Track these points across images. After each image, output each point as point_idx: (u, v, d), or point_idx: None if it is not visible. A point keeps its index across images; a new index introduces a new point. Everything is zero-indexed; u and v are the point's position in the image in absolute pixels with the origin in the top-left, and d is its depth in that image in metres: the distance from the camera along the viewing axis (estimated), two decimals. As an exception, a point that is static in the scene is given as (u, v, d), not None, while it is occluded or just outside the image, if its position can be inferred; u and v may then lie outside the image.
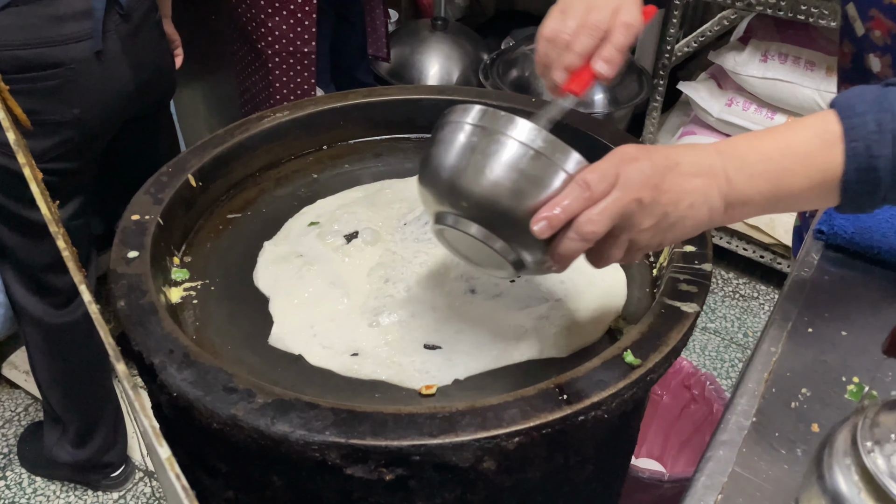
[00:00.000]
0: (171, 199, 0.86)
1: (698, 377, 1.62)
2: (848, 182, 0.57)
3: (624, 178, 0.59)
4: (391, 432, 0.60)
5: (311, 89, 1.92)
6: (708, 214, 0.61)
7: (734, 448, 0.61)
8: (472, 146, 0.65)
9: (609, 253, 0.62)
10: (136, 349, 0.69)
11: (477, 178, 0.63)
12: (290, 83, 1.90)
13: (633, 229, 0.61)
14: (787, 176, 0.59)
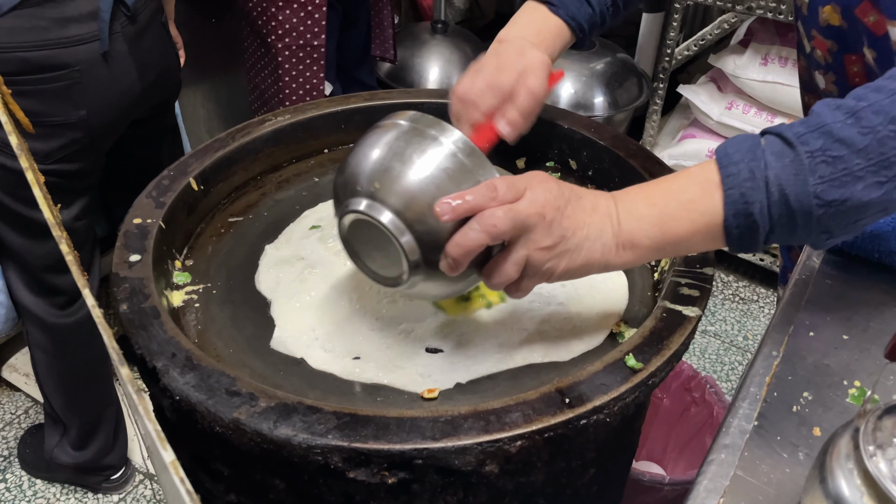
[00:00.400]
0: (173, 203, 0.86)
1: (699, 380, 1.62)
2: (728, 227, 0.60)
3: (531, 192, 0.63)
4: (394, 436, 0.60)
5: (321, 83, 1.91)
6: (601, 251, 0.64)
7: (736, 451, 0.61)
8: (402, 140, 0.68)
9: (504, 268, 0.63)
10: (139, 353, 0.69)
11: (401, 166, 0.66)
12: (299, 77, 1.89)
13: (531, 244, 0.62)
14: (672, 221, 0.63)
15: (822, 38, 0.84)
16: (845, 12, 0.79)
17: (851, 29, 0.80)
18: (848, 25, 0.80)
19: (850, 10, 0.78)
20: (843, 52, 0.83)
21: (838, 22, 0.81)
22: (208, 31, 2.13)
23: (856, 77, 0.84)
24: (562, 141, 1.04)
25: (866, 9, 0.76)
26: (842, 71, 0.85)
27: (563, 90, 2.30)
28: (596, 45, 2.39)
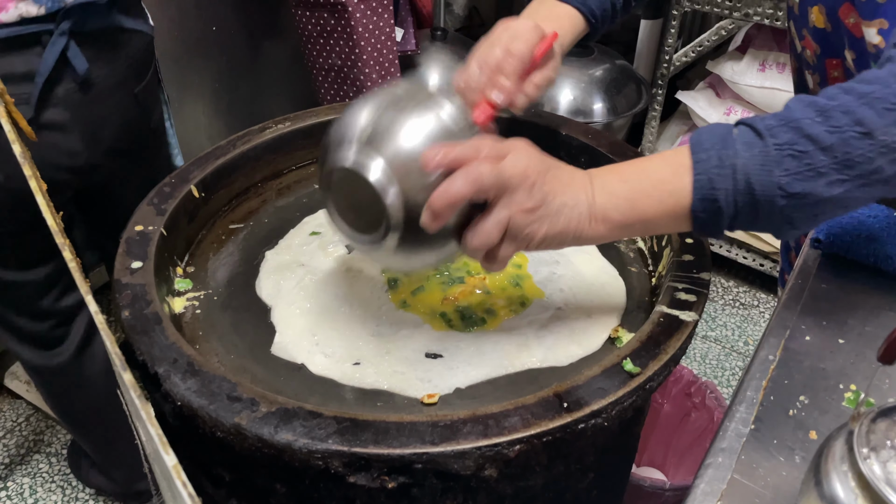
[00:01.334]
0: (174, 210, 0.87)
1: (699, 385, 1.62)
2: (695, 210, 0.63)
3: (515, 154, 0.64)
4: (393, 440, 0.61)
5: (392, 31, 1.89)
6: (577, 221, 0.65)
7: (733, 455, 0.62)
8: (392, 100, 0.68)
9: (486, 228, 0.64)
10: (141, 359, 0.69)
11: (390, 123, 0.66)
12: (375, 29, 1.86)
13: (513, 205, 0.63)
14: (643, 198, 0.65)
15: (810, 38, 0.86)
16: (830, 14, 0.80)
17: (835, 31, 0.81)
18: (832, 28, 0.81)
19: (834, 11, 0.79)
20: (825, 56, 0.85)
21: (823, 24, 0.82)
22: (209, 38, 2.14)
23: (836, 81, 0.85)
24: (560, 147, 1.04)
25: (847, 10, 0.77)
26: (823, 74, 0.86)
27: (563, 96, 2.31)
28: (595, 51, 2.40)
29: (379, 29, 1.88)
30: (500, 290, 0.84)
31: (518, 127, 1.07)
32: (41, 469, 1.84)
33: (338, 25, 1.87)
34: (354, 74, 1.93)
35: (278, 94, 2.20)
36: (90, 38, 1.12)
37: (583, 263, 0.89)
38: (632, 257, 0.91)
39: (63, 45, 1.09)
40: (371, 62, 1.91)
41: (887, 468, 0.48)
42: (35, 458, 1.86)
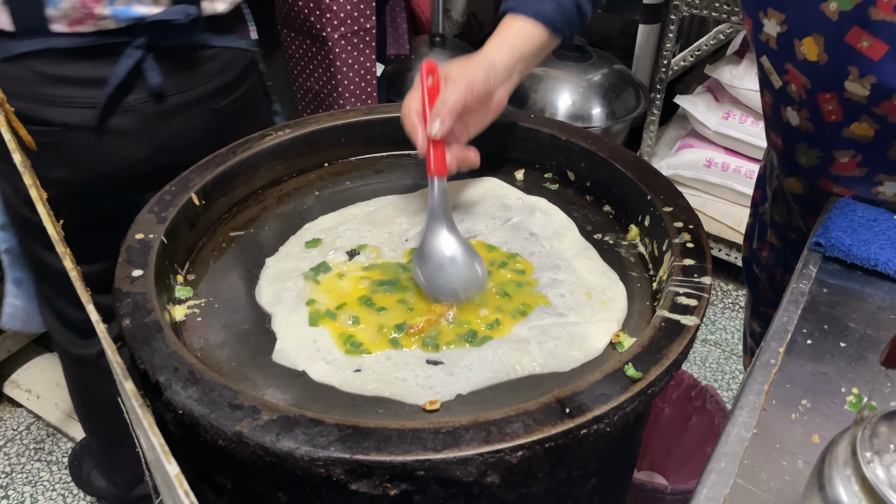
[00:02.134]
0: (175, 218, 0.87)
1: (699, 389, 1.62)
2: None
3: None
4: (395, 447, 0.60)
5: (373, 66, 1.93)
6: None
7: (736, 460, 0.62)
8: None
9: None
10: (142, 367, 0.69)
11: None
12: (354, 64, 1.91)
13: None
14: None
15: (798, 72, 0.84)
16: (829, 42, 0.78)
17: (832, 62, 0.79)
18: (829, 58, 0.79)
19: (839, 38, 0.77)
20: (816, 91, 0.83)
21: (816, 56, 0.80)
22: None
23: (831, 115, 0.84)
24: (560, 153, 1.05)
25: (858, 34, 0.76)
26: (816, 109, 0.85)
27: (561, 101, 2.31)
28: (593, 56, 2.40)
29: (359, 63, 1.92)
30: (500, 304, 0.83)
31: (518, 133, 1.07)
32: (42, 477, 1.83)
33: (318, 54, 1.91)
34: (331, 101, 1.98)
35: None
36: (168, 54, 1.15)
37: (584, 268, 0.89)
38: (632, 262, 0.91)
39: (138, 57, 1.12)
40: (347, 94, 1.96)
41: (891, 472, 0.48)
42: (36, 467, 1.86)
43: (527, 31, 0.91)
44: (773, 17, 0.83)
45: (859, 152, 0.85)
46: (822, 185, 0.91)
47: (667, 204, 0.89)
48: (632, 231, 0.95)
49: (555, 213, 0.98)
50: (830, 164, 0.88)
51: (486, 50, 0.90)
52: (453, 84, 0.84)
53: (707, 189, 2.32)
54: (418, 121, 0.85)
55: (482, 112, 0.90)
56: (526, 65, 0.93)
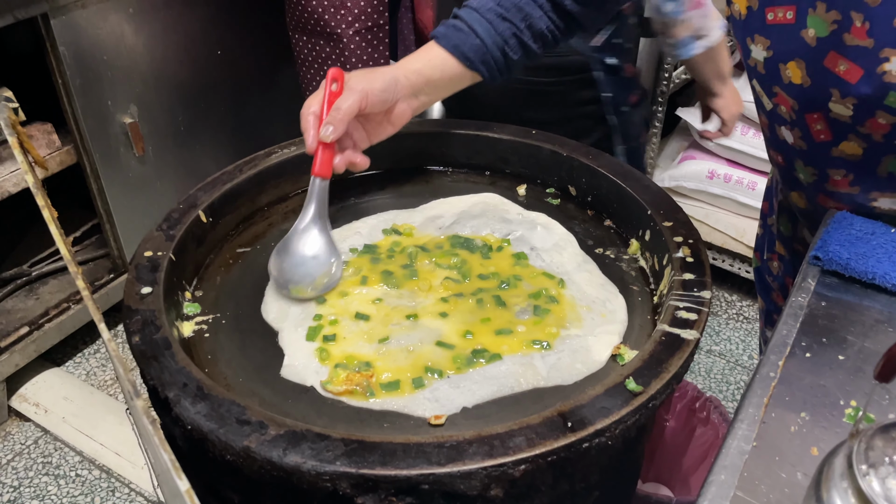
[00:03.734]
0: (183, 235, 0.89)
1: (704, 401, 1.62)
2: None
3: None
4: (400, 461, 0.62)
5: (387, 62, 1.94)
6: None
7: (735, 472, 0.62)
8: None
9: None
10: (151, 383, 0.71)
11: None
12: (369, 60, 1.92)
13: None
14: None
15: (785, 95, 0.85)
16: (810, 67, 0.80)
17: (815, 85, 0.81)
18: (812, 82, 0.81)
19: (817, 62, 0.79)
20: (804, 111, 0.85)
21: (800, 80, 0.82)
22: (215, 62, 2.17)
23: (820, 134, 0.85)
24: (561, 168, 1.06)
25: (835, 59, 0.78)
26: (805, 129, 0.86)
27: (564, 114, 2.32)
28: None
29: (373, 60, 1.92)
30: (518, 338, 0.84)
31: (520, 149, 1.08)
32: (50, 492, 1.84)
33: (332, 53, 1.91)
34: None
35: (283, 117, 2.22)
36: None
37: (584, 281, 0.90)
38: (633, 276, 0.92)
39: None
40: None
41: (886, 484, 0.49)
42: (43, 481, 1.87)
43: (441, 60, 0.95)
44: (759, 43, 0.85)
45: (850, 171, 0.86)
46: (820, 201, 0.93)
47: (667, 218, 0.90)
48: (633, 245, 0.96)
49: (555, 228, 0.99)
50: (826, 181, 0.90)
51: (396, 65, 0.94)
52: (349, 92, 0.88)
53: (710, 200, 2.33)
54: (313, 122, 0.88)
55: (383, 123, 0.93)
56: (434, 89, 0.96)
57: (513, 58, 0.97)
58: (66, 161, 1.97)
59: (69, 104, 1.87)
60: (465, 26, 0.95)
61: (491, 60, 0.95)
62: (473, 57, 0.94)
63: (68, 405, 2.03)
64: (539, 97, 1.40)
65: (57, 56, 1.79)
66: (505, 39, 0.95)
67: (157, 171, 2.13)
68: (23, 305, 2.09)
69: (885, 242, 0.82)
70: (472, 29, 0.94)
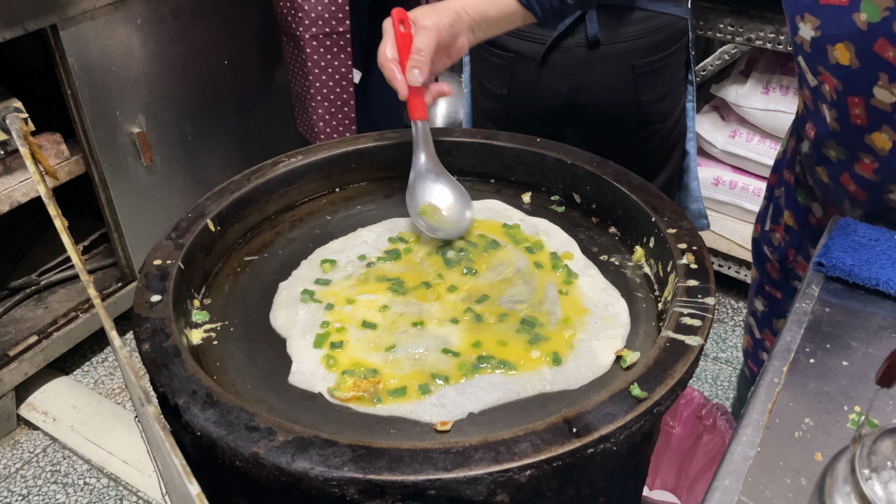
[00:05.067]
0: (192, 244, 0.90)
1: (710, 408, 1.62)
2: None
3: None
4: (407, 467, 0.62)
5: (349, 71, 1.94)
6: None
7: (740, 478, 0.63)
8: None
9: None
10: (161, 390, 0.71)
11: None
12: (328, 67, 1.93)
13: None
14: None
15: (829, 75, 0.87)
16: (860, 50, 0.81)
17: (863, 68, 0.82)
18: (860, 64, 0.82)
19: (868, 48, 0.80)
20: (846, 93, 0.86)
21: (848, 61, 0.83)
22: (222, 71, 2.18)
23: (857, 119, 0.86)
24: (566, 176, 1.07)
25: (884, 45, 0.79)
26: (844, 111, 0.88)
27: (569, 122, 2.33)
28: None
29: (333, 67, 1.93)
30: None
31: (525, 157, 1.09)
32: (58, 500, 1.85)
33: (298, 56, 1.94)
34: (307, 104, 2.00)
35: (290, 126, 2.23)
36: (608, 9, 1.34)
37: (586, 286, 0.91)
38: (638, 283, 0.93)
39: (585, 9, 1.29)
40: (320, 97, 1.97)
41: (889, 488, 0.50)
42: (52, 489, 1.88)
43: None
44: (808, 22, 0.86)
45: (877, 160, 0.88)
46: (842, 180, 0.94)
47: (671, 226, 0.90)
48: (637, 252, 0.96)
49: (557, 234, 1.00)
50: (856, 162, 0.91)
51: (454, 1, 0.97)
52: (424, 31, 0.91)
53: (715, 207, 2.33)
54: (396, 68, 0.91)
55: (444, 55, 0.97)
56: (489, 26, 1.00)
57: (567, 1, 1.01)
58: (75, 171, 1.99)
59: (78, 114, 1.89)
60: None
61: (546, 1, 0.99)
62: None
63: (77, 414, 2.04)
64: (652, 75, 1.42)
65: (66, 67, 1.81)
66: None
67: (165, 181, 2.15)
68: (31, 314, 2.11)
69: (888, 249, 0.83)
70: None
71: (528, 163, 1.10)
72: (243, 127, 2.29)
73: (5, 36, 1.65)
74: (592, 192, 1.04)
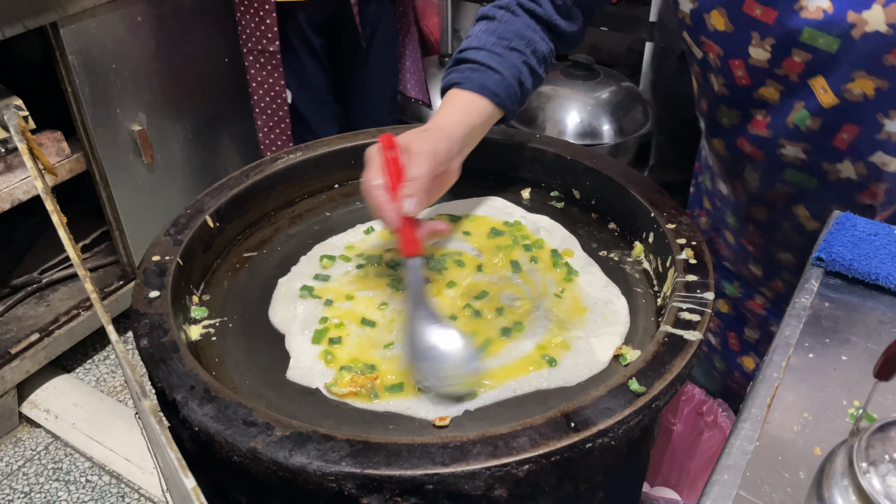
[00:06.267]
0: (190, 240, 0.90)
1: (711, 404, 1.62)
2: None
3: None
4: (405, 462, 0.62)
5: (283, 91, 2.01)
6: None
7: (738, 472, 0.63)
8: None
9: None
10: (159, 385, 0.71)
11: None
12: (264, 83, 2.00)
13: None
14: None
15: (712, 42, 0.90)
16: (731, 13, 0.85)
17: (737, 31, 0.85)
18: (734, 27, 0.85)
19: (738, 8, 0.84)
20: (727, 58, 0.89)
21: (723, 26, 0.86)
22: (221, 70, 2.18)
23: (741, 80, 0.89)
24: (565, 172, 1.07)
25: (752, 4, 0.83)
26: (729, 74, 0.90)
27: (570, 119, 2.33)
28: (601, 74, 2.43)
29: (268, 84, 2.01)
30: None
31: (524, 153, 1.09)
32: (60, 497, 1.86)
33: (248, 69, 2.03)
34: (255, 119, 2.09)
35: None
36: None
37: (586, 283, 0.90)
38: (637, 278, 0.93)
39: None
40: (258, 110, 2.05)
41: (886, 482, 0.50)
42: (54, 487, 1.88)
43: (474, 104, 0.93)
44: None
45: (769, 113, 0.91)
46: (739, 144, 0.96)
47: (670, 221, 0.90)
48: (636, 248, 0.96)
49: (557, 231, 1.00)
50: (749, 121, 0.93)
51: (439, 122, 0.91)
52: (419, 157, 0.83)
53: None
54: (386, 196, 0.81)
55: (438, 184, 0.88)
56: (473, 138, 0.94)
57: (527, 86, 0.97)
58: (76, 169, 1.99)
59: (79, 112, 1.89)
60: (479, 66, 0.93)
61: (512, 93, 0.95)
62: (500, 91, 0.93)
63: (78, 411, 2.04)
64: None
65: (66, 65, 1.81)
66: (518, 69, 0.95)
67: (166, 178, 2.15)
68: (33, 312, 2.11)
69: (888, 243, 0.83)
70: (487, 66, 0.93)
71: (527, 158, 1.09)
72: (244, 124, 2.30)
73: (6, 33, 1.65)
74: (592, 187, 1.04)
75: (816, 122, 0.87)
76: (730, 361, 1.29)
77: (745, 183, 1.00)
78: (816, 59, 0.83)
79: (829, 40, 0.81)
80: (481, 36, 0.96)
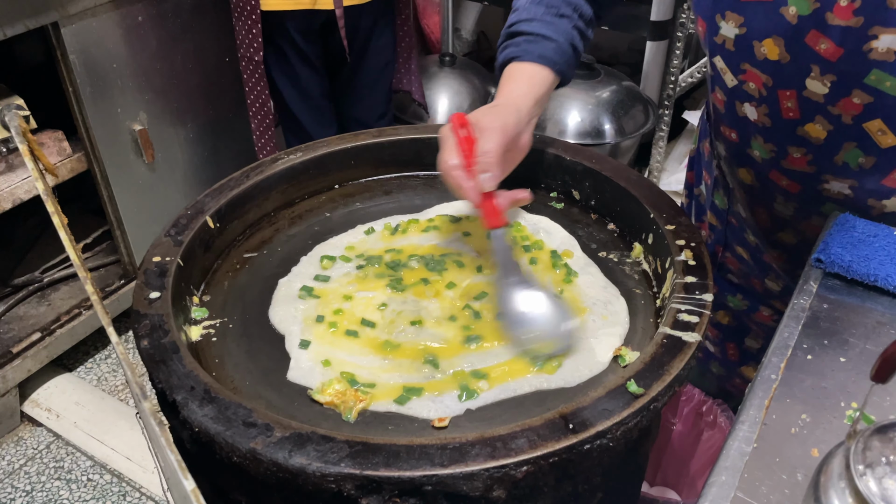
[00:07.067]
0: (191, 241, 0.90)
1: (710, 405, 1.62)
2: None
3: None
4: (404, 463, 0.62)
5: (267, 100, 2.07)
6: None
7: (736, 473, 0.63)
8: None
9: None
10: (159, 386, 0.72)
11: None
12: (254, 89, 2.05)
13: None
14: None
15: (758, 72, 0.87)
16: (790, 44, 0.82)
17: (794, 62, 0.82)
18: (791, 58, 0.82)
19: (798, 40, 0.81)
20: (777, 88, 0.86)
21: (778, 56, 0.83)
22: (222, 70, 2.18)
23: (789, 112, 0.87)
24: (565, 172, 1.07)
25: (816, 37, 0.79)
26: (775, 105, 0.88)
27: (570, 119, 2.33)
28: (602, 73, 2.43)
29: (257, 91, 2.07)
30: None
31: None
32: (62, 496, 1.86)
33: None
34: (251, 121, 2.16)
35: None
36: None
37: (586, 284, 0.91)
38: (636, 279, 0.93)
39: None
40: (251, 112, 2.12)
41: (883, 484, 0.50)
42: (56, 486, 1.89)
43: (537, 75, 0.94)
44: (731, 20, 0.86)
45: (810, 151, 0.88)
46: (772, 177, 0.95)
47: (669, 222, 0.90)
48: (636, 249, 0.96)
49: (557, 231, 1.00)
50: (783, 158, 0.92)
51: (506, 97, 0.93)
52: (489, 132, 0.85)
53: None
54: (463, 175, 0.84)
55: (511, 156, 0.90)
56: (539, 108, 0.95)
57: (580, 49, 0.99)
58: (77, 168, 1.99)
59: (80, 112, 1.89)
60: (534, 36, 0.94)
61: (568, 58, 0.96)
62: (558, 59, 0.95)
63: (80, 410, 2.05)
64: None
65: (67, 64, 1.81)
66: (570, 34, 0.96)
67: (167, 178, 2.15)
68: (35, 312, 2.12)
69: (887, 245, 0.83)
70: (542, 35, 0.94)
71: (526, 159, 1.09)
72: (245, 124, 2.30)
73: (7, 33, 1.65)
74: (591, 188, 1.04)
75: (870, 160, 0.85)
76: (730, 370, 1.29)
77: (775, 212, 0.98)
78: (879, 103, 0.80)
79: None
80: (529, 7, 0.97)
